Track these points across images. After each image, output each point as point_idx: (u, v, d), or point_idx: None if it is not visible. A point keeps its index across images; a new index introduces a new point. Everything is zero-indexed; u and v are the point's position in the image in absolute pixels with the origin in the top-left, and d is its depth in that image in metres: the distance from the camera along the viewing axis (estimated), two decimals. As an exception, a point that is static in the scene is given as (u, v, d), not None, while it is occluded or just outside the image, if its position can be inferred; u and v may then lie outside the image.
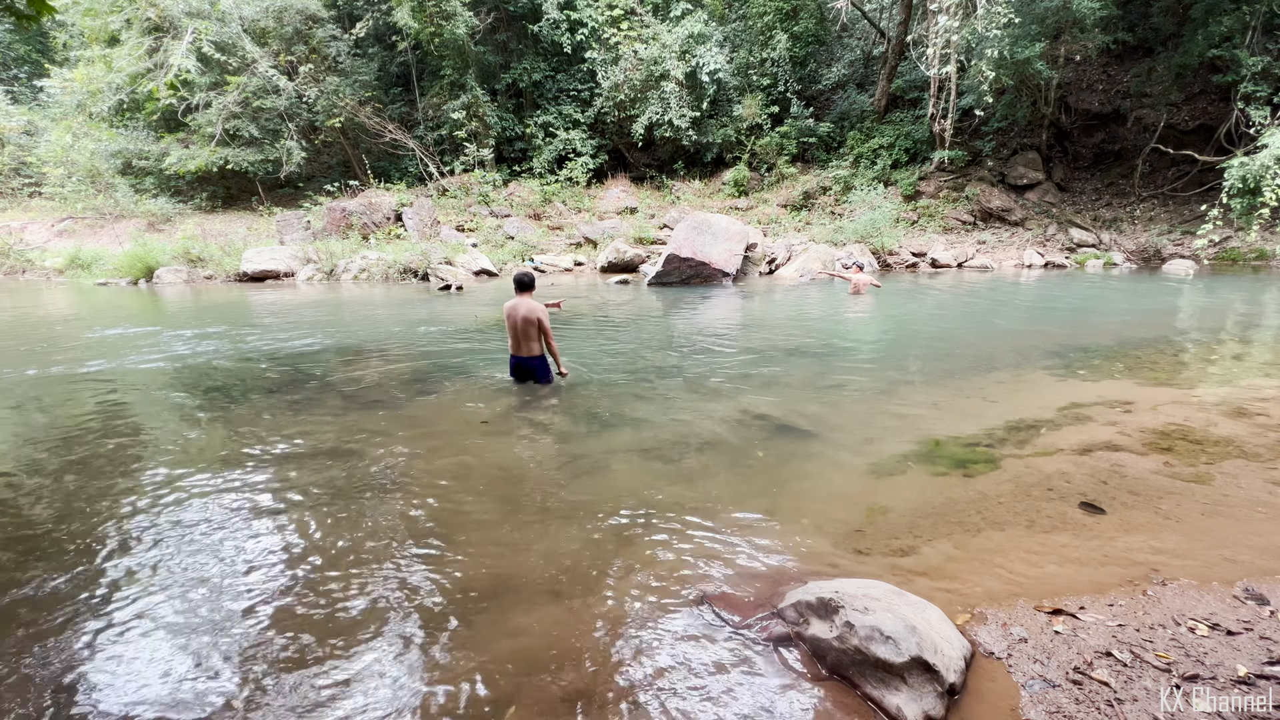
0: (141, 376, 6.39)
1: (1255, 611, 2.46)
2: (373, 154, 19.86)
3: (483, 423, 4.84)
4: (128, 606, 2.65)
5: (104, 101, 19.03)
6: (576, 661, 2.29)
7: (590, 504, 3.49)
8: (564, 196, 19.30)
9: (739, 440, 4.40)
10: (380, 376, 6.24)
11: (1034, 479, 3.70)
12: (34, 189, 20.89)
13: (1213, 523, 3.19)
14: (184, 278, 15.09)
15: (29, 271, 16.86)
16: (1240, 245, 15.30)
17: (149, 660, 2.34)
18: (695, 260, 13.41)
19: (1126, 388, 5.52)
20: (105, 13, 18.31)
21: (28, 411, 5.31)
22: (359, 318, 9.87)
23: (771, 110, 19.50)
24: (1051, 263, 15.90)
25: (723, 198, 19.52)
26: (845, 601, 2.26)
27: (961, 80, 16.37)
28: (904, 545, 3.02)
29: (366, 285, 14.18)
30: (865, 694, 2.09)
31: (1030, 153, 18.30)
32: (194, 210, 19.56)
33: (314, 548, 3.09)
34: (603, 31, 18.83)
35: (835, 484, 3.71)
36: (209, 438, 4.62)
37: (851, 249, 15.61)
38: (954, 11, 14.81)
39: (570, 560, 2.94)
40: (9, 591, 2.76)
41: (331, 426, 4.78)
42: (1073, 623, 2.41)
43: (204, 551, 3.07)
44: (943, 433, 4.46)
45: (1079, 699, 2.03)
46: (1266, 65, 14.55)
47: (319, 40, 18.98)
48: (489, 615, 2.56)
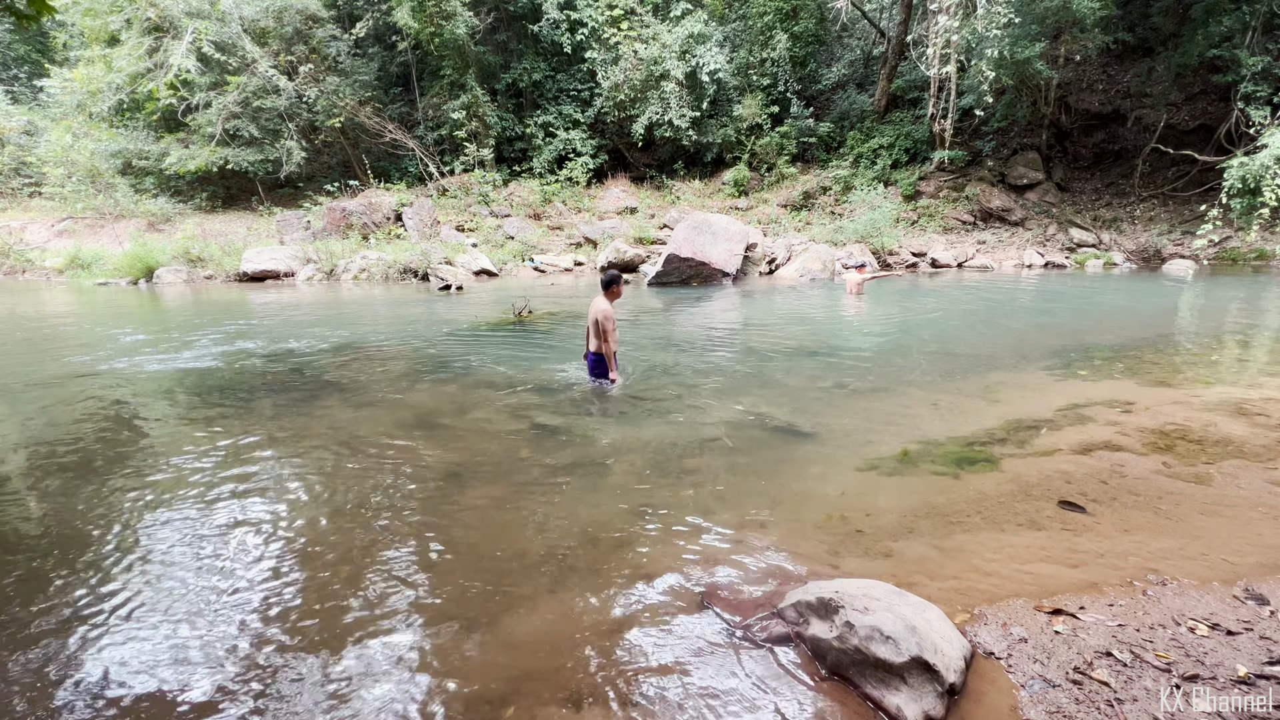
0: (141, 376, 6.39)
1: (1255, 611, 2.46)
2: (373, 154, 19.86)
3: (482, 422, 4.84)
4: (126, 605, 2.64)
5: (104, 101, 19.03)
6: (575, 661, 2.29)
7: (590, 503, 3.49)
8: (564, 196, 19.30)
9: (739, 440, 4.40)
10: (380, 376, 6.24)
11: (1034, 479, 3.69)
12: (34, 189, 20.88)
13: (1213, 523, 3.19)
14: (184, 278, 15.09)
15: (29, 271, 16.86)
16: (1240, 245, 15.30)
17: (148, 659, 2.34)
18: (695, 260, 13.41)
19: (1126, 388, 5.51)
20: (105, 13, 18.32)
21: (28, 411, 5.31)
22: (359, 318, 9.87)
23: (771, 110, 19.51)
24: (1051, 263, 15.90)
25: (723, 198, 19.53)
26: (845, 601, 2.26)
27: (961, 80, 16.38)
28: (904, 545, 3.02)
29: (366, 285, 14.18)
30: (865, 694, 2.09)
31: (1030, 153, 18.30)
32: (194, 210, 19.55)
33: (313, 546, 3.09)
34: (603, 31, 18.83)
35: (835, 484, 3.71)
36: (209, 437, 4.61)
37: (851, 249, 15.62)
38: (954, 11, 14.81)
39: (569, 559, 2.93)
40: (9, 592, 2.76)
41: (331, 425, 4.77)
42: (1072, 623, 2.41)
43: (204, 550, 3.06)
44: (943, 433, 4.45)
45: (1079, 699, 2.03)
46: (1266, 65, 14.55)
47: (319, 40, 18.98)
48: (488, 615, 2.55)
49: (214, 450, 4.35)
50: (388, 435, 4.58)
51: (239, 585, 2.79)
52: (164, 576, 2.86)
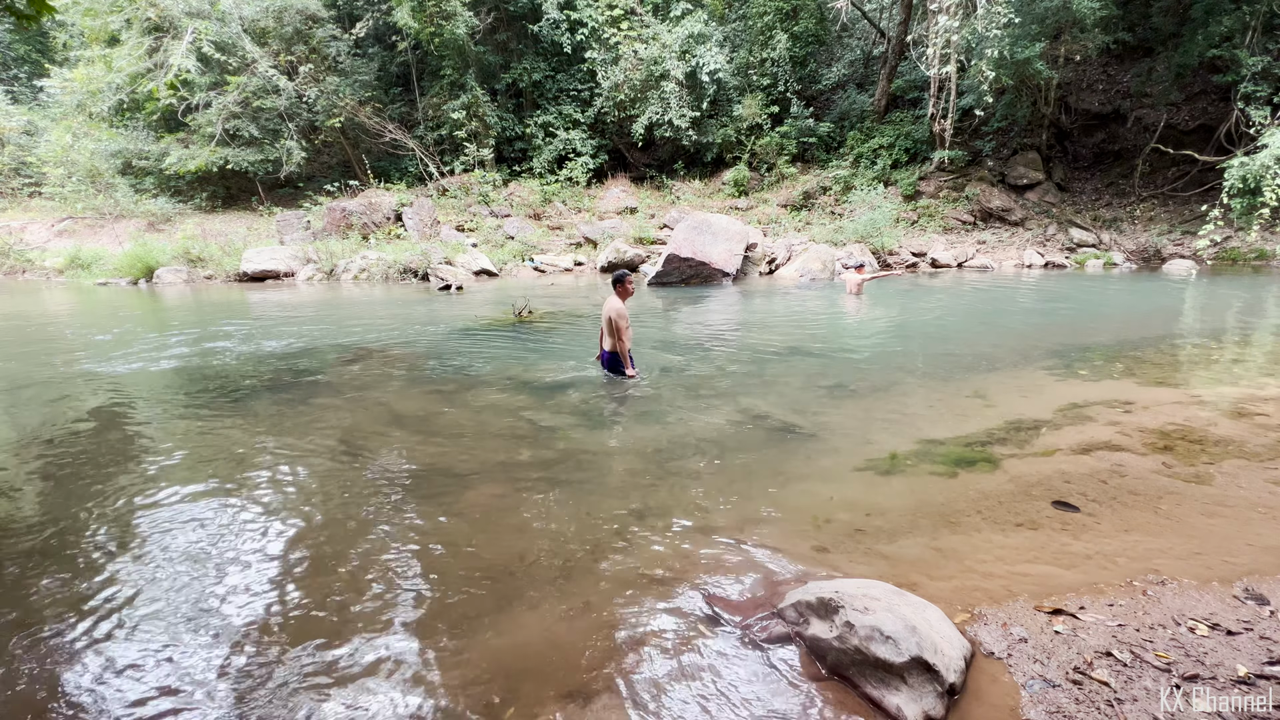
0: (141, 376, 6.39)
1: (1255, 611, 2.46)
2: (373, 154, 19.85)
3: (482, 422, 4.84)
4: (124, 605, 2.64)
5: (104, 101, 19.02)
6: (576, 661, 2.29)
7: (590, 503, 3.49)
8: (564, 196, 19.30)
9: (739, 440, 4.40)
10: (380, 376, 6.24)
11: (1034, 479, 3.69)
12: (34, 189, 20.88)
13: (1213, 523, 3.19)
14: (184, 278, 15.09)
15: (29, 271, 16.86)
16: (1240, 245, 15.30)
17: (148, 660, 2.34)
18: (695, 260, 13.40)
19: (1126, 388, 5.51)
20: (105, 13, 18.31)
21: (29, 411, 5.31)
22: (359, 318, 9.87)
23: (771, 110, 19.50)
24: (1051, 263, 15.90)
25: (723, 198, 19.52)
26: (845, 601, 2.26)
27: (961, 80, 16.37)
28: (904, 545, 3.02)
29: (366, 285, 14.18)
30: (865, 694, 2.09)
31: (1030, 153, 18.29)
32: (194, 210, 19.55)
33: (312, 544, 3.09)
34: (603, 31, 18.83)
35: (835, 484, 3.71)
36: (209, 437, 4.61)
37: (851, 249, 15.61)
38: (954, 11, 14.81)
39: (570, 560, 2.93)
40: (9, 591, 2.76)
41: (331, 425, 4.77)
42: (1073, 623, 2.41)
43: (203, 550, 3.06)
44: (942, 433, 4.45)
45: (1079, 699, 2.03)
46: (1266, 65, 14.55)
47: (319, 40, 18.98)
48: (488, 615, 2.55)
49: (213, 450, 4.35)
50: (388, 435, 4.58)
51: (236, 585, 2.79)
52: (164, 576, 2.86)
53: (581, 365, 6.39)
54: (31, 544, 3.15)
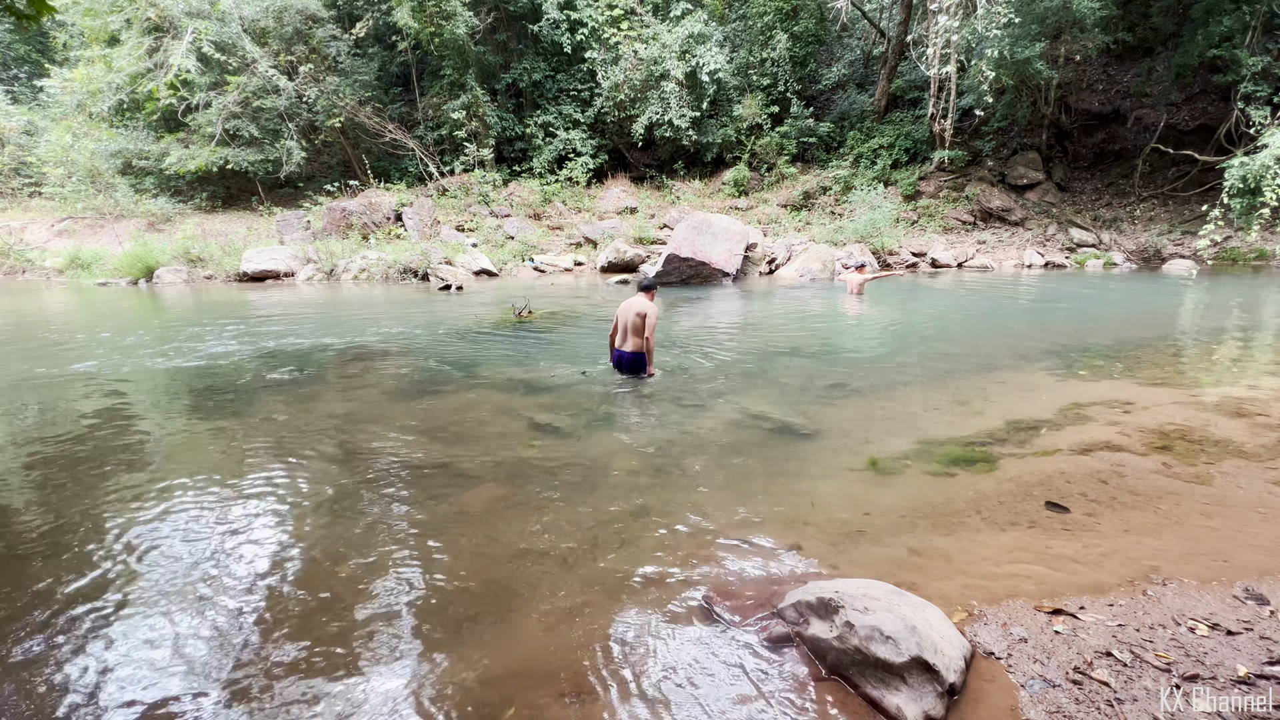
0: (141, 375, 6.39)
1: (1255, 611, 2.46)
2: (373, 154, 19.85)
3: (482, 423, 4.84)
4: (122, 605, 2.65)
5: (104, 101, 19.01)
6: (576, 661, 2.29)
7: (590, 503, 3.49)
8: (564, 196, 19.30)
9: (739, 440, 4.40)
10: (380, 376, 6.24)
11: (1034, 479, 3.69)
12: (34, 189, 20.87)
13: (1212, 523, 3.19)
14: (184, 278, 15.09)
15: (29, 271, 16.85)
16: (1240, 245, 15.30)
17: (147, 660, 2.34)
18: (695, 260, 13.41)
19: (1126, 388, 5.51)
20: (105, 13, 18.30)
21: (29, 410, 5.31)
22: (359, 318, 9.87)
23: (771, 110, 19.50)
24: (1051, 263, 15.90)
25: (723, 198, 19.52)
26: (845, 601, 2.26)
27: (961, 80, 16.37)
28: (903, 545, 3.02)
29: (366, 285, 14.18)
30: (865, 694, 2.09)
31: (1030, 153, 18.30)
32: (194, 210, 19.54)
33: (311, 545, 3.09)
34: (603, 31, 18.83)
35: (834, 484, 3.71)
36: (209, 438, 4.61)
37: (852, 249, 15.62)
38: (954, 11, 14.81)
39: (569, 559, 2.93)
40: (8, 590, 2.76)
41: (331, 425, 4.77)
42: (1072, 622, 2.41)
43: (203, 551, 3.06)
44: (942, 433, 4.45)
45: (1079, 699, 2.03)
46: (1266, 65, 14.55)
47: (319, 40, 18.97)
48: (488, 614, 2.55)
49: (212, 450, 4.35)
50: (387, 435, 4.58)
51: (236, 585, 2.79)
52: (164, 577, 2.86)
53: (582, 365, 6.39)
54: (31, 544, 3.15)
